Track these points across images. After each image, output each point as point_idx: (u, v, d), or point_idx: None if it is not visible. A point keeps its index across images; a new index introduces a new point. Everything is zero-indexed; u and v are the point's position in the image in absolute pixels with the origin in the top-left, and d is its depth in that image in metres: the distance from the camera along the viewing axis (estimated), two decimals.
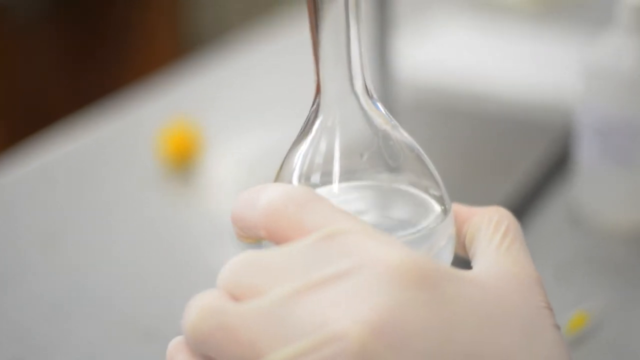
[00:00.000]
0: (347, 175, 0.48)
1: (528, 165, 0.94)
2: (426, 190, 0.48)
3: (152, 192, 1.01)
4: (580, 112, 0.91)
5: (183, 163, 1.05)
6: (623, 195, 0.90)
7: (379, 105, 0.49)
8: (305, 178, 0.48)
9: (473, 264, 0.45)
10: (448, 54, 1.24)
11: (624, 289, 0.81)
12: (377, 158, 0.48)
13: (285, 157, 0.49)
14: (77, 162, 1.09)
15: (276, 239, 0.40)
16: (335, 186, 0.48)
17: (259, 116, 1.17)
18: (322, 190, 0.48)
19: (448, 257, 0.47)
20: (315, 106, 0.49)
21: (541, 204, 0.93)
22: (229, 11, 2.81)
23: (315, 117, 0.49)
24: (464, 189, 0.88)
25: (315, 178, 0.47)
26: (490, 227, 0.45)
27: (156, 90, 1.27)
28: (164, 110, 1.18)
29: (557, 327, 0.41)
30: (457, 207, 0.48)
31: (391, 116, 0.50)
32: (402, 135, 0.49)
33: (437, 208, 0.48)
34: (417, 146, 0.50)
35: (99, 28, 2.60)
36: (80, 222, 0.96)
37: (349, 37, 0.48)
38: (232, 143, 1.10)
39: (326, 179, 0.48)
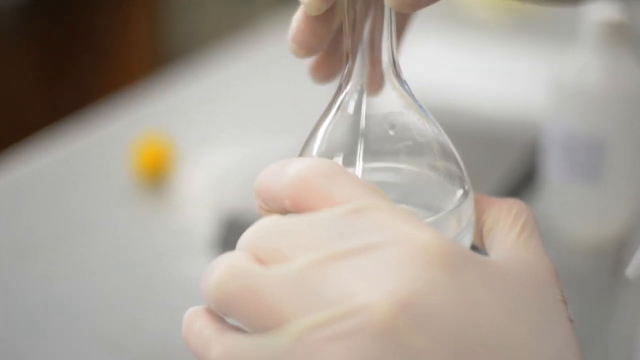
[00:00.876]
0: (371, 151, 0.47)
1: (495, 179, 0.95)
2: (448, 173, 0.48)
3: (124, 206, 1.02)
4: (546, 128, 0.92)
5: (156, 177, 1.05)
6: (588, 210, 0.91)
7: (407, 85, 0.49)
8: (328, 154, 0.47)
9: (490, 253, 0.44)
10: (416, 68, 1.25)
11: (590, 303, 0.82)
12: (403, 134, 0.48)
13: (311, 131, 0.48)
14: (49, 175, 1.10)
15: (301, 209, 0.40)
16: (359, 165, 0.47)
17: (231, 130, 1.18)
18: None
19: (468, 240, 0.47)
20: (343, 79, 0.49)
21: None
22: (205, 25, 2.81)
23: (341, 89, 0.48)
24: None
25: (339, 155, 0.47)
26: (509, 219, 0.45)
27: (129, 104, 1.27)
28: (137, 124, 1.19)
29: (571, 321, 0.41)
30: (476, 196, 0.48)
31: (416, 98, 0.49)
32: (427, 115, 0.49)
33: (459, 191, 0.47)
34: (441, 128, 0.49)
35: (74, 41, 2.59)
36: (52, 235, 0.96)
37: (382, 15, 0.48)
38: (204, 157, 1.11)
39: (350, 157, 0.47)
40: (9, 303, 0.84)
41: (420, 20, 0.49)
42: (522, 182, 0.99)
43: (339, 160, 0.47)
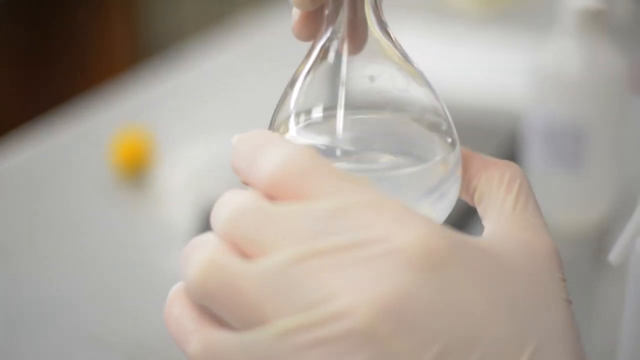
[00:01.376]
0: (353, 100, 0.45)
1: None
2: (433, 123, 0.46)
3: (105, 200, 1.01)
4: (527, 116, 0.92)
5: (136, 171, 1.05)
6: (570, 197, 0.91)
7: (390, 33, 0.47)
8: (307, 105, 0.45)
9: (484, 223, 0.43)
10: None
11: (572, 289, 0.83)
12: (386, 83, 0.46)
13: (290, 79, 0.47)
14: (29, 171, 1.09)
15: (280, 201, 0.38)
16: (340, 115, 0.45)
17: (211, 125, 1.17)
18: (325, 125, 0.45)
19: (454, 193, 0.45)
20: (323, 24, 0.47)
21: None
22: (184, 19, 2.80)
23: (321, 36, 0.47)
24: None
25: (318, 109, 0.45)
26: (502, 187, 0.43)
27: (109, 99, 1.27)
28: (116, 118, 1.18)
29: (569, 302, 0.40)
30: (466, 153, 0.46)
31: (401, 45, 0.47)
32: (411, 64, 0.47)
33: (444, 142, 0.45)
34: (426, 77, 0.47)
35: (53, 36, 2.59)
36: (32, 231, 0.96)
37: None
38: (184, 151, 1.10)
39: (330, 107, 0.45)
40: None
41: (400, 12, 0.49)
42: None
43: (318, 111, 0.45)
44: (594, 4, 0.87)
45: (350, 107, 0.45)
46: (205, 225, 0.89)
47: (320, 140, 0.45)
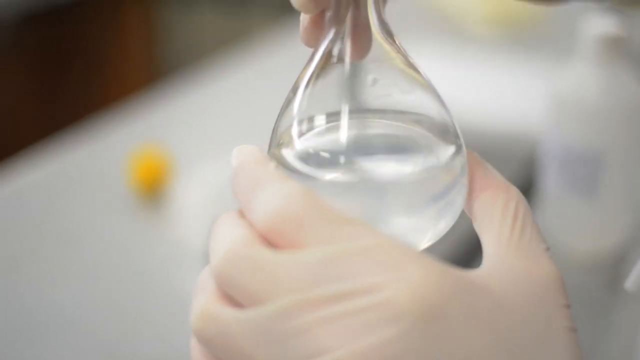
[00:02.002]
0: (357, 103, 0.45)
1: None
2: (439, 129, 0.45)
3: (122, 218, 1.02)
4: (545, 142, 0.92)
5: (153, 189, 1.05)
6: (586, 223, 0.91)
7: (394, 35, 0.46)
8: (310, 111, 0.45)
9: (483, 250, 0.42)
10: None
11: (588, 317, 0.82)
12: (388, 88, 0.46)
13: (294, 83, 0.46)
14: (47, 187, 1.10)
15: (274, 247, 0.38)
16: (344, 125, 0.44)
17: (228, 143, 1.17)
18: (328, 132, 0.44)
19: (460, 202, 0.44)
20: (326, 25, 0.46)
21: None
22: (202, 38, 2.81)
23: (324, 38, 0.46)
24: None
25: (321, 115, 0.44)
26: (498, 212, 0.42)
27: (127, 117, 1.27)
28: (134, 136, 1.19)
29: (573, 330, 0.39)
30: (471, 164, 0.45)
31: (405, 49, 0.47)
32: (414, 68, 0.46)
33: (450, 147, 0.45)
34: (430, 81, 0.47)
35: (70, 53, 2.60)
36: (49, 247, 0.96)
37: None
38: (201, 169, 1.11)
39: (333, 116, 0.44)
40: (6, 312, 0.84)
41: (418, 36, 0.49)
42: None
43: (321, 118, 0.44)
44: (613, 30, 0.87)
45: (353, 112, 0.45)
46: None
47: (324, 147, 0.44)
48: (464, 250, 0.83)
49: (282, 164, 0.44)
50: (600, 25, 0.87)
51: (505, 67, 1.38)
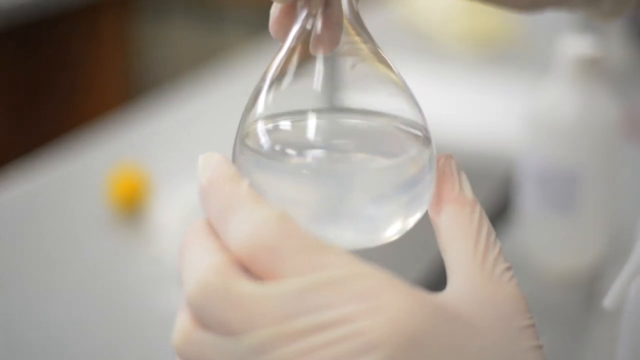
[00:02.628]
0: (325, 96, 0.45)
1: None
2: (406, 122, 0.45)
3: (101, 236, 1.01)
4: (521, 160, 0.92)
5: (131, 208, 1.05)
6: (562, 242, 0.91)
7: (366, 28, 0.46)
8: (276, 105, 0.45)
9: (447, 266, 0.42)
10: None
11: (563, 335, 0.83)
12: (361, 79, 0.46)
13: (260, 79, 0.46)
14: (23, 206, 1.09)
15: (249, 273, 0.38)
16: (311, 118, 0.44)
17: None
18: (296, 126, 0.44)
19: (427, 197, 0.44)
20: (297, 14, 0.46)
21: None
22: (177, 56, 2.81)
23: (292, 32, 0.46)
24: (405, 236, 0.89)
25: (288, 109, 0.44)
26: (463, 229, 0.42)
27: (104, 135, 1.27)
28: (111, 155, 1.18)
29: (539, 347, 0.40)
30: (441, 168, 0.45)
31: (375, 42, 0.46)
32: (386, 63, 0.46)
33: (418, 142, 0.45)
34: (400, 74, 0.46)
35: (46, 71, 2.59)
36: (26, 266, 0.96)
37: None
38: (179, 187, 1.11)
39: (300, 110, 0.45)
40: None
41: (394, 54, 0.49)
42: (497, 215, 0.99)
43: (287, 113, 0.44)
44: (589, 51, 0.87)
45: (322, 103, 0.45)
46: None
47: (291, 137, 0.44)
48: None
49: (249, 154, 0.44)
50: (576, 45, 0.88)
51: (482, 85, 1.39)
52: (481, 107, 1.31)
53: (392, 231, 0.45)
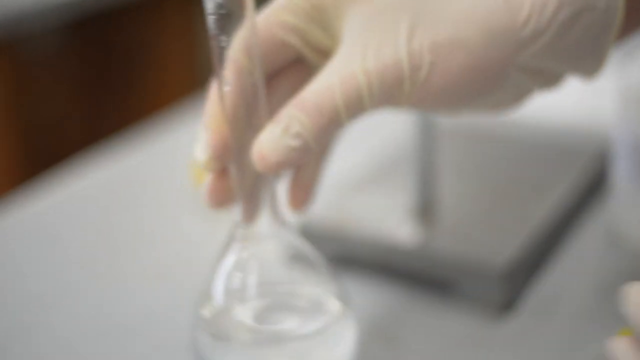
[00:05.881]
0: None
1: (564, 188, 0.94)
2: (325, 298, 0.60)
3: (192, 219, 1.01)
4: (615, 133, 0.91)
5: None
6: None
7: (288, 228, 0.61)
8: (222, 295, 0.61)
9: None
10: None
11: None
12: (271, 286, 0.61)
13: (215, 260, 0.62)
14: (112, 187, 1.10)
15: None
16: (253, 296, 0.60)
17: None
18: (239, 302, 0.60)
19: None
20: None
21: (578, 227, 0.93)
22: None
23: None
24: (501, 213, 0.88)
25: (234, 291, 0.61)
26: None
27: (182, 119, 1.27)
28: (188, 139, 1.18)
29: None
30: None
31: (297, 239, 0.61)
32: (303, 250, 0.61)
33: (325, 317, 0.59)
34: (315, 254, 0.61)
35: (113, 60, 2.61)
36: (115, 247, 0.96)
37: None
38: None
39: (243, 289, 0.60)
40: (81, 312, 0.84)
41: None
42: (592, 190, 0.98)
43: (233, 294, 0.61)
44: None
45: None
46: None
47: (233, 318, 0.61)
48: None
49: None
50: None
51: None
52: (573, 83, 1.29)
53: None
